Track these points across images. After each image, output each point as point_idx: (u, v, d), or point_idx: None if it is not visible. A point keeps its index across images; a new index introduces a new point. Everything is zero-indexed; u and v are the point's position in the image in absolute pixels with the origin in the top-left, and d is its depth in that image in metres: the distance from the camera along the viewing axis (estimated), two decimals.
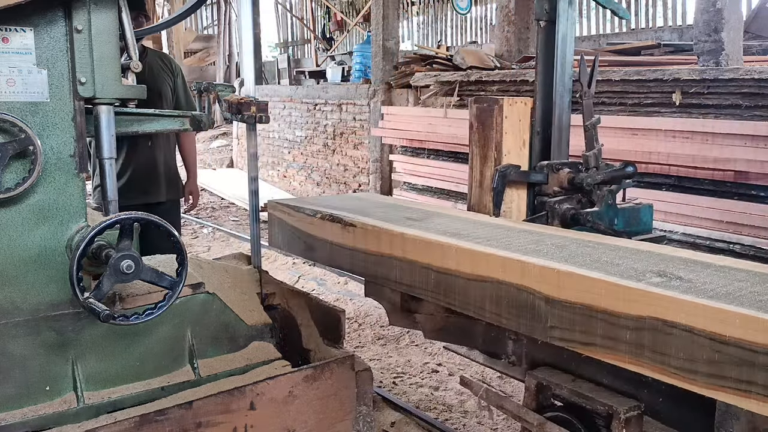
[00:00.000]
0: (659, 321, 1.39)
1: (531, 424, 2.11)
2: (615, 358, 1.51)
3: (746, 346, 1.26)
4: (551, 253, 1.75)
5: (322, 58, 14.25)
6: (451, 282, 1.86)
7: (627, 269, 1.60)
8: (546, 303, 1.61)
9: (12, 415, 1.86)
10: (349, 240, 2.16)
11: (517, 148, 2.47)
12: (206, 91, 2.47)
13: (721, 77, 4.42)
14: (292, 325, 2.47)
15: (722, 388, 1.31)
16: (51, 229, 1.86)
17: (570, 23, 2.51)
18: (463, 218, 2.32)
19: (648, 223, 2.65)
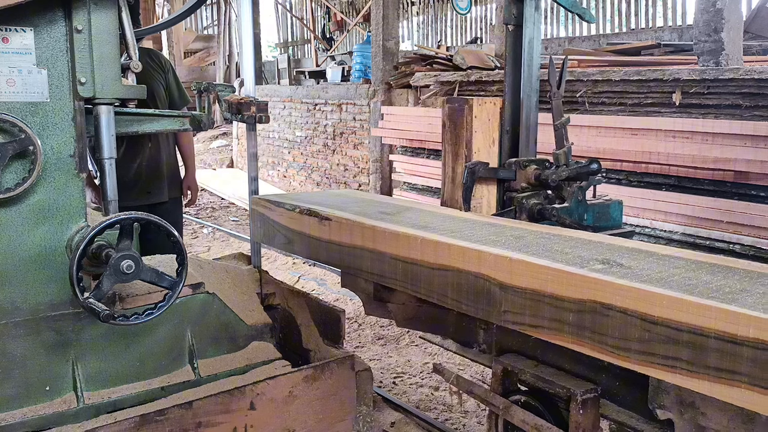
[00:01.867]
0: (597, 304, 1.49)
1: (497, 407, 2.22)
2: (560, 339, 1.60)
3: (672, 325, 1.36)
4: (508, 243, 1.85)
5: (322, 58, 14.25)
6: (416, 271, 1.94)
7: (574, 257, 1.70)
8: (500, 289, 1.71)
9: (12, 415, 1.86)
10: (325, 233, 2.25)
11: (487, 146, 2.58)
12: (206, 91, 2.47)
13: (721, 77, 4.41)
14: (292, 325, 2.47)
15: (652, 364, 1.41)
16: (51, 229, 1.86)
17: (536, 27, 2.64)
18: (433, 212, 2.41)
19: (617, 218, 2.75)
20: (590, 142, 5.13)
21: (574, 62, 5.93)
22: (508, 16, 2.64)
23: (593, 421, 1.94)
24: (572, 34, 11.08)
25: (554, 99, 2.83)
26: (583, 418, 1.91)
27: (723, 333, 1.29)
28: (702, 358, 1.33)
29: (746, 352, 1.26)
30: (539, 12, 2.63)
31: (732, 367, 1.28)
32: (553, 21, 11.51)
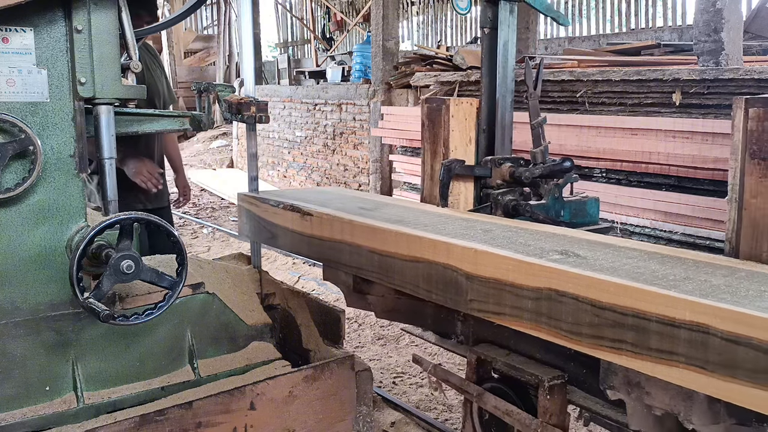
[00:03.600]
0: (553, 291, 1.58)
1: (471, 394, 2.35)
2: (520, 325, 1.70)
3: (618, 310, 1.45)
4: (477, 236, 1.94)
5: (322, 58, 14.26)
6: (391, 263, 2.03)
7: (535, 249, 1.79)
8: (466, 279, 1.80)
9: (12, 415, 1.86)
10: (306, 228, 2.33)
11: (464, 144, 2.68)
12: (206, 91, 2.47)
13: (721, 77, 4.41)
14: (292, 325, 2.47)
15: (601, 347, 1.51)
16: (51, 229, 1.86)
17: (511, 30, 2.74)
18: (411, 208, 2.52)
19: (594, 214, 2.84)
20: (590, 142, 5.14)
21: (574, 62, 5.93)
22: (484, 20, 2.75)
23: (560, 406, 2.05)
24: (572, 34, 11.08)
25: (531, 99, 2.91)
26: (551, 404, 2.02)
27: (663, 316, 1.37)
28: (644, 340, 1.41)
29: (683, 334, 1.34)
30: (513, 15, 2.73)
31: (671, 348, 1.37)
32: (553, 21, 11.50)
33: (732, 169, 1.87)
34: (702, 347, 1.32)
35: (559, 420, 2.07)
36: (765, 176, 1.78)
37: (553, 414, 2.05)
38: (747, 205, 1.82)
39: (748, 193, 1.81)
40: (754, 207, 1.79)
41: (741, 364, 1.27)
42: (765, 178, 1.78)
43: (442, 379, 2.53)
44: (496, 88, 2.76)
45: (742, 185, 1.83)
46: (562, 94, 5.56)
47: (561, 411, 2.07)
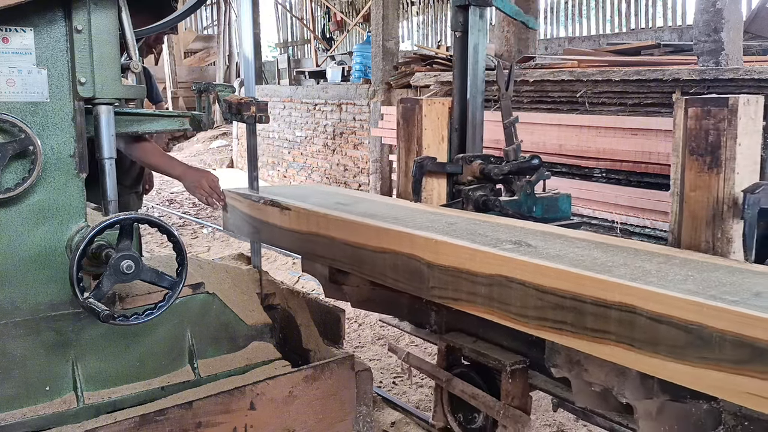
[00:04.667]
0: (503, 277, 1.70)
1: (441, 380, 2.49)
2: (475, 310, 1.81)
3: (558, 294, 1.57)
4: (441, 228, 2.05)
5: (322, 58, 14.25)
6: (362, 254, 2.14)
7: (491, 239, 1.91)
8: (428, 267, 1.91)
9: (12, 415, 1.86)
10: (286, 222, 2.44)
11: (436, 142, 2.80)
12: (206, 91, 2.47)
13: (721, 77, 4.41)
14: (292, 325, 2.47)
15: (545, 328, 1.63)
16: (51, 229, 1.86)
17: (481, 34, 2.84)
18: (385, 203, 2.67)
19: (566, 210, 2.95)
20: (590, 142, 5.13)
21: (574, 62, 5.93)
22: (455, 24, 2.85)
23: (522, 389, 2.19)
24: (572, 34, 11.08)
25: (503, 100, 3.03)
26: (513, 386, 2.17)
27: (596, 299, 1.49)
28: (581, 321, 1.53)
29: (614, 314, 1.46)
30: (483, 20, 2.83)
31: (603, 327, 1.48)
32: (553, 21, 11.50)
33: (674, 165, 1.98)
34: (630, 326, 1.43)
35: (521, 402, 2.20)
36: (703, 171, 1.88)
37: (515, 396, 2.19)
38: (687, 198, 1.93)
39: (688, 186, 1.93)
40: (693, 200, 1.91)
41: (663, 341, 1.38)
42: (703, 172, 1.88)
43: (415, 366, 2.68)
44: (467, 89, 2.85)
45: (683, 180, 1.94)
46: (562, 94, 5.56)
47: (523, 394, 2.20)
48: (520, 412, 2.18)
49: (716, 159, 1.86)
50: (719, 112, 1.84)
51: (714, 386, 1.34)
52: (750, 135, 1.85)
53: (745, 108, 1.83)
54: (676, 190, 1.98)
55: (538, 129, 5.54)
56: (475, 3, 2.80)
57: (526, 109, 5.81)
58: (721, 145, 1.84)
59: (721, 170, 1.85)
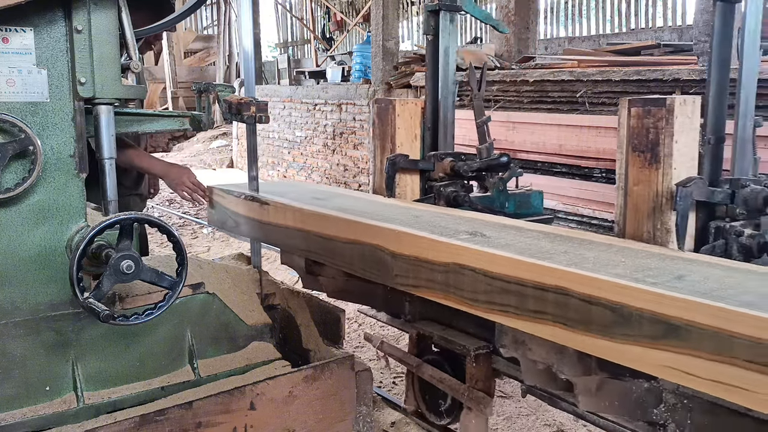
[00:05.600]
0: (457, 265, 1.81)
1: (411, 365, 2.63)
2: (434, 296, 1.92)
3: (504, 279, 1.69)
4: (406, 221, 2.16)
5: (322, 58, 14.25)
6: (334, 246, 2.25)
7: (449, 230, 2.02)
8: (392, 257, 2.02)
9: (12, 415, 1.86)
10: (264, 216, 2.55)
11: (409, 140, 2.93)
12: (206, 91, 2.47)
13: None
14: (292, 325, 2.47)
15: (493, 311, 1.74)
16: (51, 229, 1.86)
17: (451, 38, 2.98)
18: (360, 198, 2.79)
19: (538, 206, 3.08)
20: (590, 142, 5.14)
21: (574, 62, 5.93)
22: (427, 28, 2.99)
23: (486, 373, 2.30)
24: (572, 34, 11.08)
25: (475, 100, 3.17)
26: (477, 371, 2.28)
27: (536, 282, 1.61)
28: (524, 303, 1.65)
29: (550, 296, 1.57)
30: (454, 24, 2.97)
31: (542, 309, 1.60)
32: (553, 21, 11.51)
33: (618, 161, 2.09)
34: (564, 307, 1.55)
35: (484, 386, 2.32)
36: (644, 167, 2.01)
37: (479, 380, 2.30)
38: (630, 192, 2.06)
39: (632, 181, 2.05)
40: (636, 193, 2.03)
41: (593, 320, 1.50)
42: (644, 168, 2.01)
43: (388, 354, 2.81)
44: (439, 90, 2.97)
45: (627, 175, 2.06)
46: (562, 94, 5.57)
47: (486, 377, 2.31)
48: (483, 394, 2.30)
49: (656, 155, 1.98)
50: (658, 112, 1.96)
51: (635, 360, 1.45)
52: (687, 133, 1.98)
53: (681, 108, 1.95)
54: (621, 184, 2.09)
55: (538, 129, 5.54)
56: (445, 8, 2.93)
57: (526, 109, 5.81)
58: (659, 142, 1.96)
59: (660, 166, 1.97)
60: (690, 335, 1.33)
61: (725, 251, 2.06)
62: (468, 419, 2.35)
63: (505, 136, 5.87)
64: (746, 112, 2.13)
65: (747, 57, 2.12)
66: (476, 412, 2.32)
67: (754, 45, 2.13)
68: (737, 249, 2.06)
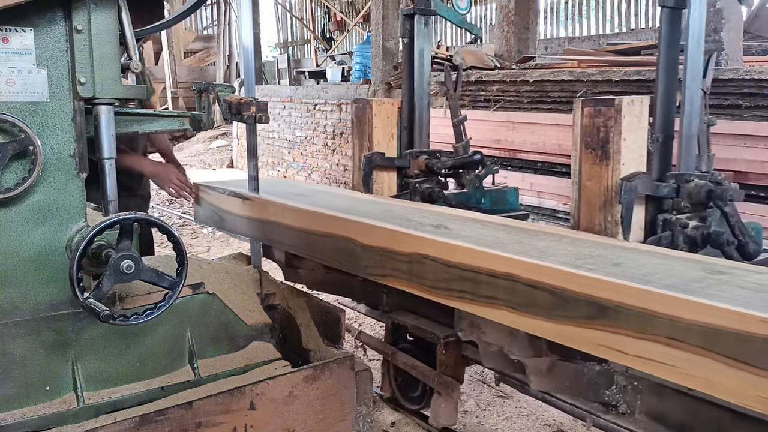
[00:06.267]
0: (420, 255, 1.91)
1: (387, 353, 2.76)
2: (399, 284, 2.02)
3: (461, 267, 1.79)
4: (378, 215, 2.26)
5: (322, 58, 14.25)
6: (311, 239, 2.35)
7: (416, 223, 2.12)
8: (362, 249, 2.12)
9: (12, 415, 1.86)
10: (246, 211, 2.64)
11: (386, 139, 3.05)
12: (206, 91, 2.47)
13: (721, 77, 4.41)
14: (292, 325, 2.47)
15: (451, 297, 1.85)
16: (51, 229, 1.86)
17: (425, 40, 3.09)
18: (339, 194, 2.92)
19: (514, 202, 3.19)
20: None
21: (574, 62, 5.93)
22: (403, 31, 3.10)
23: (455, 360, 2.41)
24: (572, 34, 11.08)
25: (451, 100, 3.27)
26: (446, 357, 2.41)
27: (489, 270, 1.71)
28: (478, 289, 1.75)
29: (501, 283, 1.68)
30: (428, 28, 3.08)
31: (494, 294, 1.70)
32: (553, 21, 11.51)
33: (573, 158, 2.20)
34: (512, 292, 1.65)
35: (454, 372, 2.43)
36: (596, 163, 2.13)
37: (449, 366, 2.41)
38: (584, 187, 2.17)
39: (584, 176, 2.17)
40: (589, 188, 2.16)
41: (538, 303, 1.60)
42: (596, 164, 2.13)
43: (366, 343, 2.93)
44: (414, 91, 3.09)
45: (580, 170, 2.18)
46: (562, 94, 5.56)
47: (456, 364, 2.43)
48: (451, 379, 2.41)
49: (606, 152, 2.11)
50: (608, 111, 2.09)
51: (572, 339, 1.56)
52: (635, 131, 2.11)
53: (629, 107, 2.08)
54: (575, 179, 2.20)
55: (538, 129, 5.54)
56: (420, 12, 3.03)
57: (526, 109, 5.81)
58: (609, 140, 2.09)
59: (610, 162, 2.10)
60: (619, 315, 1.44)
61: (672, 242, 2.18)
62: (438, 403, 2.47)
63: (505, 136, 5.86)
64: (691, 111, 2.24)
65: (691, 60, 2.22)
66: (445, 396, 2.42)
67: (698, 48, 2.24)
68: (683, 240, 2.17)
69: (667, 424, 1.75)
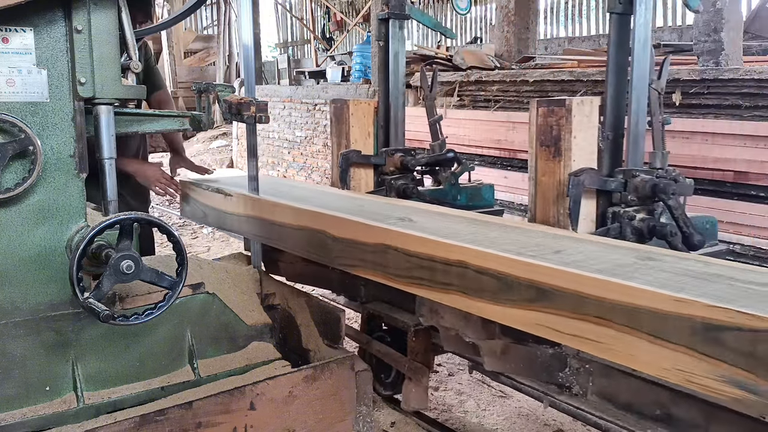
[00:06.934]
0: (384, 246, 2.01)
1: (363, 342, 2.88)
2: (365, 273, 2.13)
3: (419, 256, 1.90)
4: (349, 209, 2.36)
5: (322, 58, 14.25)
6: (285, 232, 2.44)
7: (384, 216, 2.22)
8: (332, 240, 2.21)
9: (12, 415, 1.86)
10: (228, 206, 2.76)
11: (363, 137, 3.18)
12: (206, 91, 2.47)
13: (721, 77, 4.41)
14: (292, 325, 2.47)
15: (411, 284, 1.95)
16: (51, 229, 1.86)
17: (400, 43, 3.22)
18: (317, 190, 3.02)
19: (489, 199, 3.31)
20: None
21: (574, 62, 5.93)
22: (378, 35, 3.23)
23: (425, 347, 2.53)
24: (572, 34, 11.08)
25: (427, 101, 3.39)
26: (416, 344, 2.52)
27: (443, 258, 1.81)
28: (434, 276, 1.85)
29: (454, 269, 1.78)
30: (403, 31, 3.22)
31: (447, 280, 1.80)
32: (553, 21, 11.51)
33: (530, 155, 2.33)
34: (463, 278, 1.76)
35: (424, 359, 2.53)
36: (549, 159, 2.26)
37: (419, 353, 2.52)
38: (539, 182, 2.30)
39: (539, 172, 2.29)
40: (543, 183, 2.29)
41: (485, 288, 1.71)
42: (549, 160, 2.26)
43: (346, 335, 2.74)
44: (389, 91, 3.21)
45: (536, 166, 2.30)
46: (562, 94, 5.56)
47: (425, 351, 2.53)
48: (420, 365, 2.51)
49: (558, 149, 2.24)
50: (559, 111, 2.22)
51: (516, 321, 1.67)
52: (585, 130, 2.24)
53: (579, 108, 2.23)
54: (531, 175, 2.33)
55: None
56: (394, 16, 3.15)
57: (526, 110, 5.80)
58: (561, 138, 2.22)
59: (562, 158, 2.22)
60: (555, 297, 1.55)
61: (620, 233, 2.29)
62: (408, 389, 2.56)
63: (505, 136, 5.86)
64: (638, 111, 2.37)
65: (637, 62, 2.34)
66: (415, 381, 2.53)
67: (644, 52, 2.36)
68: (630, 231, 2.29)
69: (616, 403, 1.89)
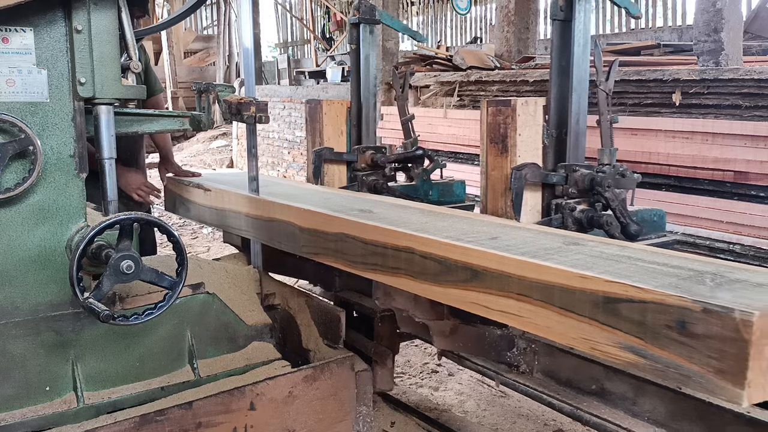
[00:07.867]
0: (343, 234, 2.14)
1: None
2: (329, 261, 2.24)
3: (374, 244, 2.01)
4: (318, 202, 2.49)
5: (321, 58, 14.25)
6: (260, 224, 2.56)
7: (346, 208, 2.33)
8: (299, 231, 2.33)
9: (12, 415, 1.86)
10: (208, 201, 2.91)
11: (336, 136, 3.34)
12: (206, 91, 2.47)
13: (721, 77, 4.41)
14: (292, 325, 2.47)
15: (366, 270, 2.07)
16: (51, 229, 1.86)
17: (371, 47, 3.38)
18: (292, 185, 3.18)
19: (460, 194, 3.44)
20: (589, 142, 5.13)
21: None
22: (351, 38, 3.42)
23: (390, 332, 2.68)
24: None
25: (399, 101, 3.58)
26: (382, 329, 2.68)
27: (393, 245, 1.94)
28: (386, 261, 1.98)
29: (402, 255, 1.91)
30: (374, 35, 3.38)
31: (397, 265, 1.94)
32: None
33: (481, 151, 2.50)
34: (410, 263, 1.89)
35: (389, 343, 2.70)
36: (498, 155, 2.42)
37: (385, 337, 2.67)
38: (489, 176, 2.46)
39: (489, 167, 2.46)
40: (493, 177, 2.44)
41: (428, 271, 1.84)
42: (498, 156, 2.42)
43: None
44: (361, 92, 3.38)
45: (486, 162, 2.47)
46: None
47: (391, 335, 2.69)
48: (386, 349, 2.66)
49: (505, 146, 2.39)
50: (506, 110, 2.37)
51: (454, 299, 1.80)
52: (529, 128, 2.40)
53: (523, 107, 2.37)
54: (483, 169, 2.49)
55: None
56: (365, 21, 3.31)
57: None
58: (507, 135, 2.38)
59: (509, 154, 2.38)
60: (485, 277, 1.68)
61: (562, 223, 2.45)
62: (375, 371, 2.63)
63: None
64: (578, 111, 2.53)
65: (577, 66, 2.50)
66: (381, 364, 2.66)
67: (584, 55, 2.52)
68: (571, 222, 2.45)
69: (558, 380, 2.06)
